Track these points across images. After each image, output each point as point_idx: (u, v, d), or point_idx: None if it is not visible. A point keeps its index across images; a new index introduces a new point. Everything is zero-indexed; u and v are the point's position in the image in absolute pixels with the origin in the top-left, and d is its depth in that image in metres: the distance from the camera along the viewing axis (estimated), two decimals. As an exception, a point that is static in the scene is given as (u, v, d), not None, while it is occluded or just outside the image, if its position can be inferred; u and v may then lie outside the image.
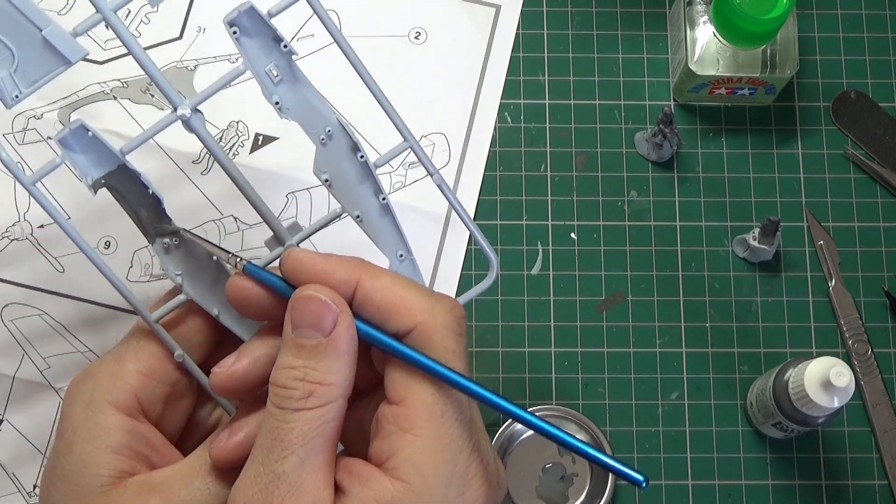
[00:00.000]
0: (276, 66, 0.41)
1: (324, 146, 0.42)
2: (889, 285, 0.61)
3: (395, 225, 0.44)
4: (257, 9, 0.39)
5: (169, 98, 0.40)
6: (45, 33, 0.38)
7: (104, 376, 0.41)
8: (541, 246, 0.62)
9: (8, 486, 0.58)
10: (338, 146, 0.42)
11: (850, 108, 0.64)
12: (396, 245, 0.44)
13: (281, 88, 0.41)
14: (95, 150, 0.40)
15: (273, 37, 0.40)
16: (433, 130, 0.63)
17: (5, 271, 0.61)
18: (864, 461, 0.59)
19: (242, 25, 0.40)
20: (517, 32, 0.65)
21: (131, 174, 0.41)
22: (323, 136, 0.42)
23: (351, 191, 0.43)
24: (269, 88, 0.41)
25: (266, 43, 0.41)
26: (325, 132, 0.42)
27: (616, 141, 0.63)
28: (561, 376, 0.60)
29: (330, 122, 0.42)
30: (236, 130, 0.63)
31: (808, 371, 0.50)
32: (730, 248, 0.62)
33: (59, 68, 0.39)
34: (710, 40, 0.59)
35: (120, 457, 0.40)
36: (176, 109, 0.40)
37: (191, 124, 0.41)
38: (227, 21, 0.39)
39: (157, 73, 0.40)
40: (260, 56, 0.41)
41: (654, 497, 0.58)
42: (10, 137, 0.62)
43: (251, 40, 0.40)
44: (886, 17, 0.66)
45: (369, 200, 0.43)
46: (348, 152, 0.42)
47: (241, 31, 0.40)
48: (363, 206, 0.43)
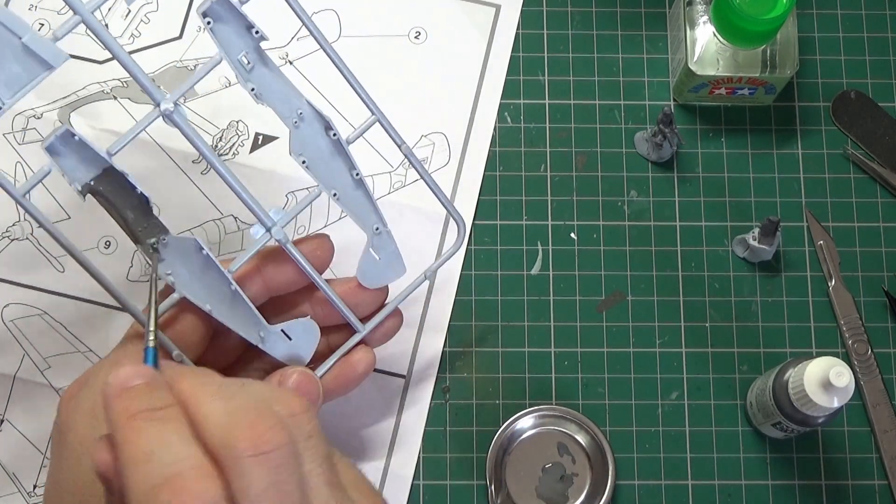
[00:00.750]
0: (247, 53, 0.42)
1: (297, 128, 0.44)
2: (889, 285, 0.61)
3: (369, 198, 0.46)
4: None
5: (150, 94, 0.41)
6: (24, 40, 0.38)
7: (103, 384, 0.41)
8: (541, 246, 0.62)
9: (8, 487, 0.58)
10: (311, 127, 0.44)
11: (850, 108, 0.64)
12: (372, 219, 0.46)
13: (254, 75, 0.43)
14: (82, 154, 0.40)
15: (245, 25, 0.41)
16: (433, 130, 0.63)
17: (5, 271, 0.61)
18: (864, 461, 0.59)
19: (215, 14, 0.41)
20: (517, 32, 0.65)
21: (118, 176, 0.41)
22: (295, 118, 0.44)
23: (327, 168, 0.45)
24: (244, 76, 0.42)
25: (239, 31, 0.42)
26: (297, 114, 0.44)
27: (616, 141, 0.63)
28: (561, 376, 0.60)
29: (301, 105, 0.44)
30: (236, 130, 0.63)
31: (808, 371, 0.50)
32: (730, 248, 0.62)
33: (42, 74, 0.39)
34: (710, 40, 0.59)
35: None
36: (158, 105, 0.41)
37: (172, 118, 0.41)
38: (201, 11, 0.40)
39: (137, 70, 0.41)
40: (234, 45, 0.42)
41: (654, 497, 0.58)
42: (10, 137, 0.62)
43: (224, 29, 0.41)
44: (886, 17, 0.65)
45: (344, 177, 0.45)
46: (322, 132, 0.44)
47: (214, 21, 0.41)
48: (339, 183, 0.45)
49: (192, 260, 0.43)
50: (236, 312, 0.44)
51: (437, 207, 0.62)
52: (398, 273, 0.49)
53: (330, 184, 0.45)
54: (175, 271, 0.43)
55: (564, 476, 0.58)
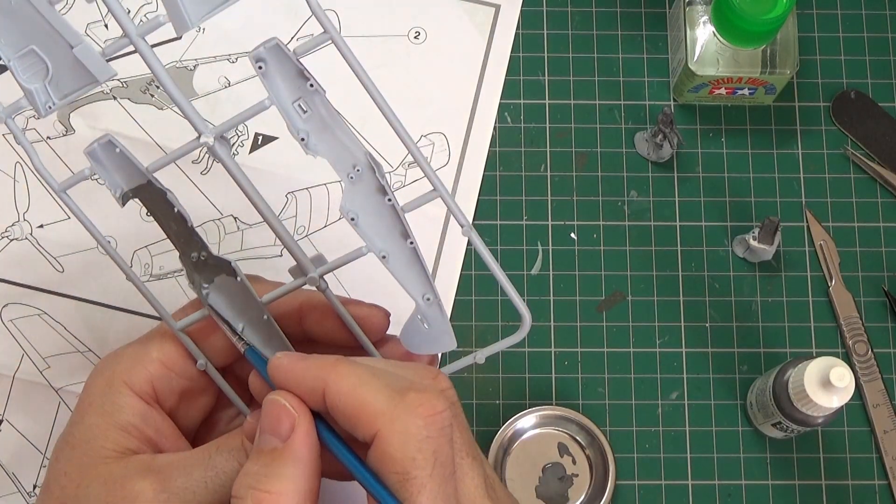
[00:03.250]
0: (304, 101, 0.40)
1: (352, 184, 0.41)
2: (889, 285, 0.61)
3: (423, 269, 0.42)
4: (283, 46, 0.38)
5: (194, 125, 0.40)
6: (75, 51, 0.38)
7: (127, 358, 0.42)
8: (541, 246, 0.62)
9: (8, 486, 0.58)
10: (366, 185, 0.41)
11: (850, 108, 0.64)
12: (423, 288, 0.42)
13: (307, 125, 0.40)
14: (122, 165, 0.40)
15: (299, 73, 0.39)
16: (433, 130, 0.63)
17: (5, 271, 0.61)
18: (864, 461, 0.59)
19: (268, 61, 0.39)
20: (517, 32, 0.65)
21: (157, 192, 0.41)
22: (351, 173, 0.41)
23: (377, 231, 0.42)
24: (296, 124, 0.40)
25: (292, 79, 0.39)
26: (354, 170, 0.41)
27: (616, 141, 0.63)
28: (561, 376, 0.60)
29: (359, 160, 0.40)
30: (236, 130, 0.63)
31: (808, 371, 0.50)
32: (730, 248, 0.62)
33: (88, 84, 0.39)
34: (709, 40, 0.59)
35: (127, 434, 0.41)
36: (200, 137, 0.40)
37: (215, 152, 0.40)
38: (253, 57, 0.39)
39: (182, 99, 0.40)
40: (285, 91, 0.40)
41: (654, 497, 0.58)
42: (10, 137, 0.62)
43: (276, 76, 0.39)
44: (886, 17, 0.65)
45: (396, 243, 0.42)
46: (375, 193, 0.41)
47: (266, 67, 0.39)
48: (389, 247, 0.42)
49: (231, 282, 0.42)
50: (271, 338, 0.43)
51: (436, 208, 0.62)
52: (447, 346, 0.45)
53: (378, 245, 0.42)
54: (213, 286, 0.43)
55: (564, 476, 0.58)
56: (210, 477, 0.39)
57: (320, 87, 0.39)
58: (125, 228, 0.61)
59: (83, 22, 0.64)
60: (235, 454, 0.40)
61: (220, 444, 0.41)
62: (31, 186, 0.62)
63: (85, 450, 0.41)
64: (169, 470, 0.40)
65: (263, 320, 0.43)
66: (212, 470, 0.39)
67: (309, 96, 0.40)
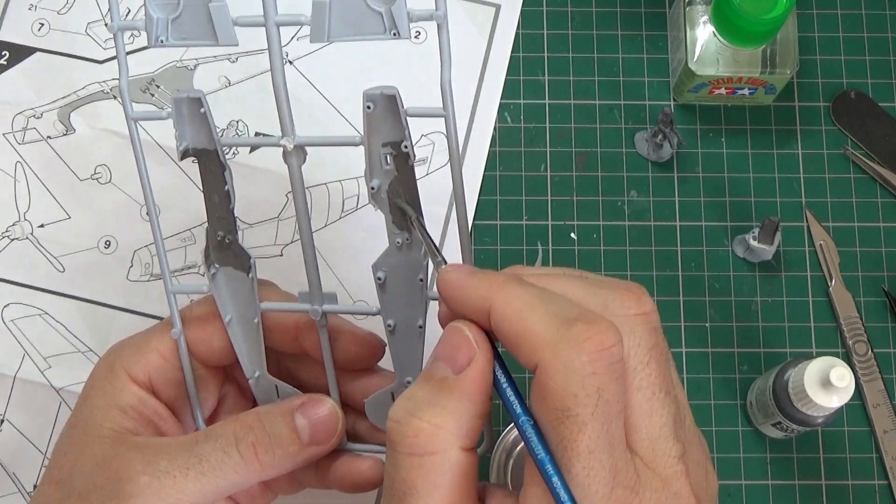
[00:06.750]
0: (390, 156, 0.39)
1: (396, 249, 0.40)
2: (889, 285, 0.61)
3: (421, 356, 0.41)
4: (399, 99, 0.38)
5: (283, 125, 0.40)
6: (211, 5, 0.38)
7: (130, 347, 0.44)
8: (541, 246, 0.62)
9: (8, 486, 0.58)
10: (407, 257, 0.40)
11: (850, 108, 0.64)
12: (410, 372, 0.42)
13: (384, 178, 0.39)
14: (198, 124, 0.41)
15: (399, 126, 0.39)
16: (433, 130, 0.63)
17: (6, 271, 0.61)
18: (864, 461, 0.59)
19: (378, 104, 0.38)
20: (517, 32, 0.65)
21: (218, 163, 0.41)
22: (400, 239, 0.40)
23: (396, 302, 0.41)
24: (375, 172, 0.39)
25: (391, 128, 0.39)
26: (405, 239, 0.40)
27: (616, 141, 0.63)
28: (561, 376, 0.60)
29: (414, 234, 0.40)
30: (236, 130, 0.63)
31: (808, 371, 0.50)
32: (730, 248, 0.62)
33: (206, 41, 0.39)
34: (709, 40, 0.59)
35: (126, 415, 0.42)
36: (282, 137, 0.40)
37: (289, 157, 0.40)
38: (367, 94, 0.38)
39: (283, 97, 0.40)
40: (380, 137, 0.39)
41: (654, 497, 0.58)
42: (10, 137, 0.62)
43: (380, 121, 0.39)
44: (886, 17, 0.66)
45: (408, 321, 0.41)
46: (412, 268, 0.41)
47: (374, 109, 0.38)
48: (400, 322, 0.41)
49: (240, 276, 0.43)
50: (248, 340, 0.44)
51: (437, 208, 0.62)
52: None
53: (391, 315, 0.41)
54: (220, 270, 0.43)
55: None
56: (193, 463, 0.40)
57: (412, 151, 0.39)
58: (125, 229, 0.61)
59: (83, 21, 0.64)
60: (222, 442, 0.40)
61: (209, 431, 0.41)
62: (32, 186, 0.62)
63: (85, 429, 0.42)
64: (156, 452, 0.40)
65: (253, 323, 0.43)
66: (195, 456, 0.40)
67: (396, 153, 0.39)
